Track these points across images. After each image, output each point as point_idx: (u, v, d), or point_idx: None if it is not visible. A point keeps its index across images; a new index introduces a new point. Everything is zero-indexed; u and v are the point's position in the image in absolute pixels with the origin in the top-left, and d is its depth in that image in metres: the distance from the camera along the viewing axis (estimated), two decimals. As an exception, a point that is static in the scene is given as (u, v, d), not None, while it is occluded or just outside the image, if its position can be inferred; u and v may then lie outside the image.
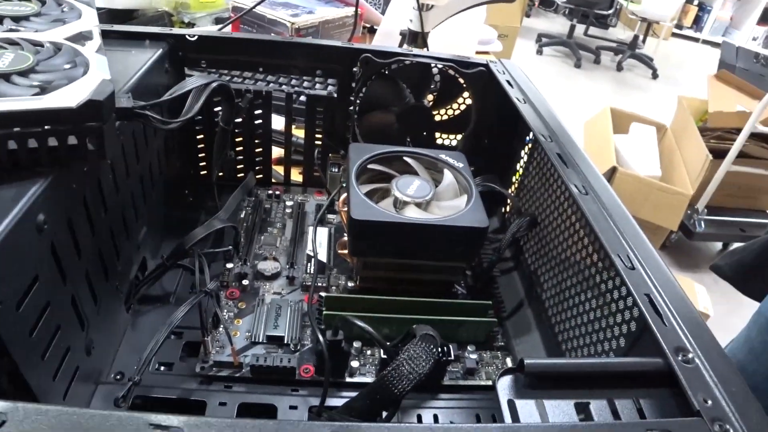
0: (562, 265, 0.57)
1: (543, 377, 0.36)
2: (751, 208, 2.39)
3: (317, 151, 0.81)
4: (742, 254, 1.09)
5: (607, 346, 0.47)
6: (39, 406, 0.26)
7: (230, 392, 0.52)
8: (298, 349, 0.57)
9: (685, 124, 2.38)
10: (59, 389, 0.43)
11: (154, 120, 0.48)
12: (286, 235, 0.73)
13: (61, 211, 0.41)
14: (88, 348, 0.48)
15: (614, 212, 0.50)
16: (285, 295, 0.63)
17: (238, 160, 0.80)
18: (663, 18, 4.41)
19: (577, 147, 0.60)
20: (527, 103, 0.68)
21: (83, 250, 0.45)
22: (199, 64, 0.71)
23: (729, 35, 5.39)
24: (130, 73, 0.55)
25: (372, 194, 0.62)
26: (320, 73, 0.75)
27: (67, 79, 0.40)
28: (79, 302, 0.45)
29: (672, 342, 0.36)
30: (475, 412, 0.54)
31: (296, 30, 1.16)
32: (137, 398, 0.49)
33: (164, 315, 0.56)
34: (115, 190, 0.52)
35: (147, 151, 0.61)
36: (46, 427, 0.25)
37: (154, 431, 0.25)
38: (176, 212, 0.73)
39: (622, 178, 2.11)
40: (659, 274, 0.43)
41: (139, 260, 0.61)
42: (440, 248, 0.59)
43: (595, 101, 3.67)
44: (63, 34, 0.47)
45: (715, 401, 0.32)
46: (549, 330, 0.59)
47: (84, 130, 0.39)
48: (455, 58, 0.73)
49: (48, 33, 0.46)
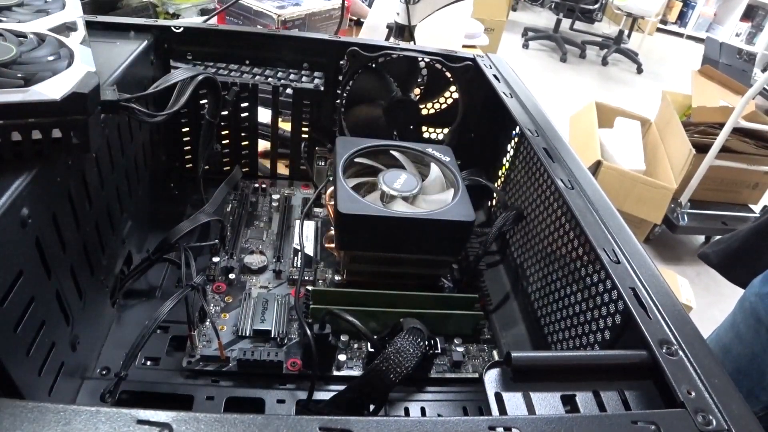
0: (548, 259, 0.58)
1: (529, 370, 0.36)
2: (733, 202, 2.43)
3: (304, 145, 0.80)
4: (728, 242, 1.11)
5: (593, 338, 0.47)
6: (24, 402, 0.25)
7: (217, 386, 0.52)
8: (285, 343, 0.57)
9: (669, 118, 2.40)
10: (44, 385, 0.42)
11: (139, 113, 0.47)
12: (272, 228, 0.73)
13: (45, 205, 0.40)
14: (74, 343, 0.47)
15: (600, 207, 0.50)
16: (272, 289, 0.63)
17: (224, 154, 0.79)
18: (648, 13, 4.44)
19: (563, 141, 0.60)
20: (514, 97, 0.68)
21: (68, 245, 0.44)
22: (184, 56, 0.70)
23: (713, 31, 5.43)
24: (115, 65, 0.54)
25: (359, 188, 0.62)
26: (307, 66, 0.75)
27: (51, 72, 0.39)
28: (64, 297, 0.44)
29: (656, 334, 0.37)
30: (462, 405, 0.55)
31: (282, 22, 1.15)
32: (124, 393, 0.49)
33: (150, 309, 0.56)
34: (100, 183, 0.52)
35: (132, 144, 0.61)
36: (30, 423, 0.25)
37: (142, 427, 0.25)
38: (162, 206, 0.72)
39: (606, 172, 2.13)
40: (644, 268, 0.43)
41: (124, 254, 0.60)
42: (427, 242, 0.59)
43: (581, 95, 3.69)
44: (47, 25, 0.46)
45: (698, 393, 0.33)
46: (535, 323, 0.59)
47: (68, 123, 0.39)
48: (442, 52, 0.73)
49: (31, 24, 0.45)
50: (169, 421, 0.26)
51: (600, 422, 0.30)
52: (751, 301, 0.87)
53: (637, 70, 4.59)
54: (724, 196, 2.40)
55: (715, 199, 2.38)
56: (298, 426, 0.27)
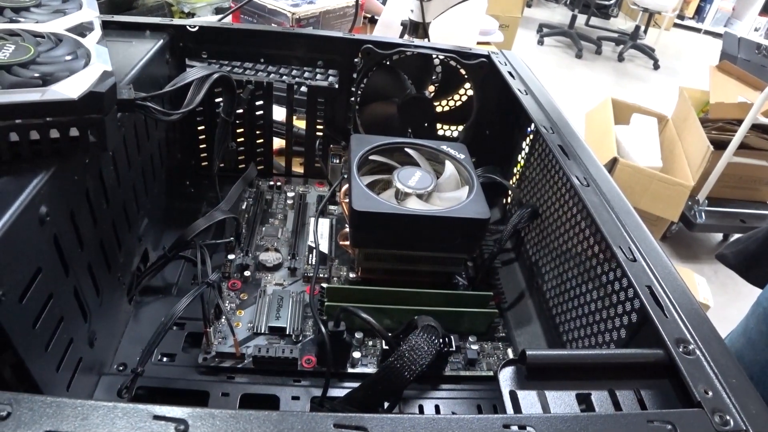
0: (563, 257, 0.57)
1: (544, 368, 0.36)
2: (752, 200, 2.39)
3: (318, 142, 0.81)
4: (746, 243, 1.10)
5: (608, 337, 0.47)
6: (43, 397, 0.26)
7: (233, 383, 0.53)
8: (300, 340, 0.57)
9: (686, 115, 2.37)
10: (63, 380, 0.43)
11: (155, 111, 0.48)
12: (287, 226, 0.73)
13: (63, 203, 0.41)
14: (91, 339, 0.48)
15: (615, 204, 0.50)
16: (287, 286, 0.64)
17: (240, 151, 0.80)
18: (665, 8, 4.39)
19: (579, 138, 0.60)
20: (529, 94, 0.68)
21: (85, 242, 0.45)
22: (199, 54, 0.71)
23: (731, 26, 5.36)
24: (131, 64, 0.55)
25: (373, 185, 0.62)
26: (321, 64, 0.75)
27: (69, 71, 0.39)
28: (81, 294, 0.45)
29: (673, 333, 0.36)
30: (477, 403, 0.55)
31: (297, 20, 1.15)
32: (140, 389, 0.49)
33: (166, 306, 0.57)
34: (117, 181, 0.52)
35: (148, 142, 0.61)
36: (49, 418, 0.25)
37: (158, 422, 0.26)
38: (177, 204, 0.73)
39: (622, 169, 2.11)
40: (660, 265, 0.43)
41: (140, 252, 0.61)
42: (441, 239, 0.59)
43: (596, 92, 3.67)
44: (64, 25, 0.46)
45: (716, 392, 0.32)
46: (550, 321, 0.59)
47: (85, 122, 0.39)
48: (457, 49, 0.73)
49: (49, 24, 0.46)
50: (184, 417, 0.26)
51: (615, 421, 0.30)
52: (765, 307, 0.85)
53: (653, 66, 4.55)
54: (742, 194, 2.36)
55: (733, 196, 2.35)
56: (313, 422, 0.27)
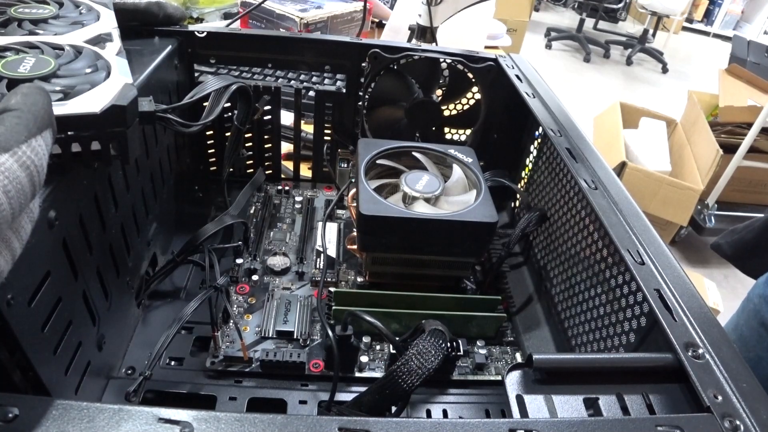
0: (572, 261, 0.57)
1: (552, 372, 0.35)
2: (762, 203, 2.38)
3: (326, 147, 0.81)
4: (742, 233, 1.08)
5: (617, 341, 0.46)
6: (49, 399, 0.26)
7: (240, 387, 0.53)
8: (308, 344, 0.57)
9: (695, 118, 2.36)
10: (71, 384, 0.43)
11: (176, 124, 0.47)
12: (295, 230, 0.73)
13: (72, 208, 0.41)
14: (100, 343, 0.48)
15: (624, 207, 0.49)
16: (294, 291, 0.64)
17: (248, 156, 0.80)
18: (673, 11, 4.38)
19: (587, 142, 0.59)
20: (536, 97, 0.67)
21: (94, 246, 0.45)
22: (208, 60, 0.71)
23: (740, 29, 5.34)
24: (141, 70, 0.55)
25: (381, 189, 0.62)
26: (329, 69, 0.75)
27: (90, 84, 0.39)
28: (90, 298, 0.45)
29: (682, 337, 0.36)
30: (485, 407, 0.54)
31: (305, 25, 1.16)
32: (148, 393, 0.49)
33: (175, 310, 0.57)
34: (126, 186, 0.52)
35: (157, 147, 0.61)
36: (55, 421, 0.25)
37: (163, 425, 0.26)
38: (186, 208, 0.73)
39: (631, 173, 2.10)
40: (669, 269, 0.42)
41: (149, 256, 0.61)
42: (449, 243, 0.59)
43: (605, 96, 3.65)
44: (82, 37, 0.46)
45: (726, 397, 0.32)
46: (558, 325, 0.59)
47: (107, 136, 0.38)
48: (464, 53, 0.73)
49: (68, 36, 0.45)
50: (189, 420, 0.26)
51: (623, 426, 0.30)
52: (755, 303, 0.84)
53: (662, 70, 4.53)
54: (752, 198, 2.35)
55: (743, 200, 2.34)
56: (318, 426, 0.27)
